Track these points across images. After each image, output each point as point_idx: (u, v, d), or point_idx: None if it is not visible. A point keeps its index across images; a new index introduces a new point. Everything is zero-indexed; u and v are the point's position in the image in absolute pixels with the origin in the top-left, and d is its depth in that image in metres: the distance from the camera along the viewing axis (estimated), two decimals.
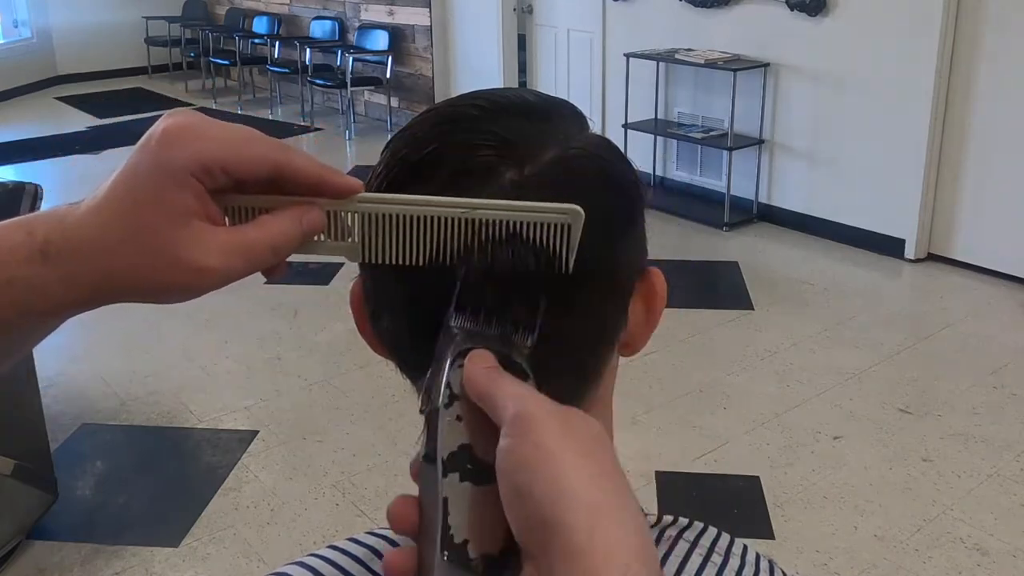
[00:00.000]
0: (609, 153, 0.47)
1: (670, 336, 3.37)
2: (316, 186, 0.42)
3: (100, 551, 2.32)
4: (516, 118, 0.45)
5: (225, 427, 2.89)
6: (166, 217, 0.38)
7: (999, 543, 2.30)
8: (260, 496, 2.53)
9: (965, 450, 2.70)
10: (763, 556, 0.54)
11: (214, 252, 0.39)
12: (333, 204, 0.43)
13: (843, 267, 4.11)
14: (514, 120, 0.45)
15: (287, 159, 0.41)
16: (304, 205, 0.42)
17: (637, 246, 0.48)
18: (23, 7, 8.51)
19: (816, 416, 2.89)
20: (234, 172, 0.39)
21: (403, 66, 6.62)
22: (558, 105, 0.48)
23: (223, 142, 0.39)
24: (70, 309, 0.40)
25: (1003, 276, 3.85)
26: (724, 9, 4.61)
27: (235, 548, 2.33)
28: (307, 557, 0.52)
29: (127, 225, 0.38)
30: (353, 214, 0.43)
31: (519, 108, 0.46)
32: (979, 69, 3.79)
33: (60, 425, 2.84)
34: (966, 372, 3.14)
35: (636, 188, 0.48)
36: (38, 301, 0.39)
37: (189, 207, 0.38)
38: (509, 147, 0.44)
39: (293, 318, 3.66)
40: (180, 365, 3.30)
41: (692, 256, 4.24)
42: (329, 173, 0.42)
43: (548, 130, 0.45)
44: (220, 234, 0.40)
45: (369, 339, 0.50)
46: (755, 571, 0.53)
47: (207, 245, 0.39)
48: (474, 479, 0.39)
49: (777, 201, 4.62)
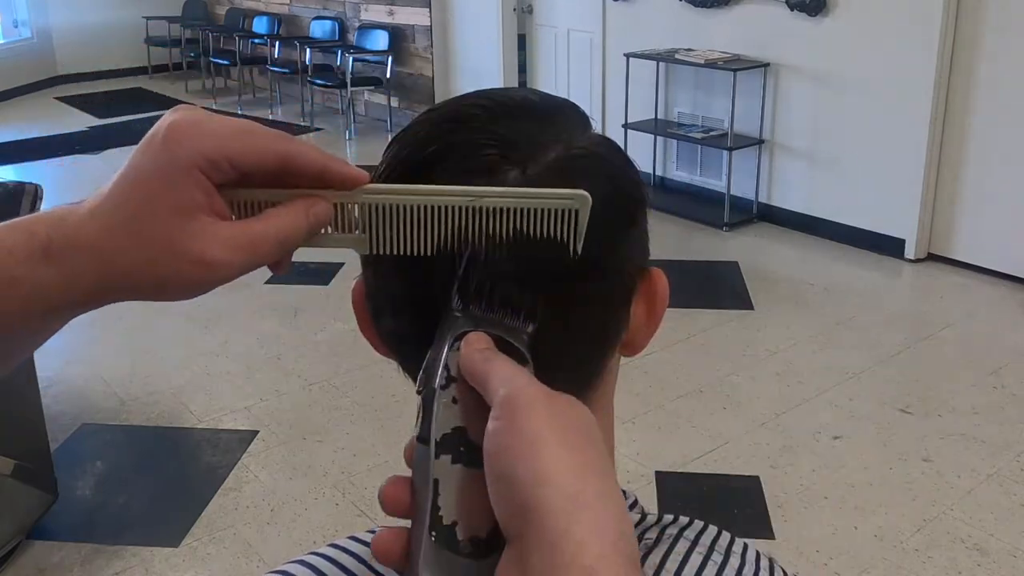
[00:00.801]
0: (612, 153, 0.47)
1: (670, 336, 3.37)
2: (321, 177, 0.41)
3: (100, 551, 2.32)
4: (519, 118, 0.45)
5: (225, 427, 2.89)
6: (173, 212, 0.38)
7: (999, 543, 2.30)
8: (260, 496, 2.53)
9: (965, 450, 2.70)
10: (763, 555, 0.54)
11: (220, 246, 0.39)
12: (340, 196, 0.42)
13: (843, 267, 4.11)
14: (517, 120, 0.45)
15: (292, 149, 0.41)
16: (311, 197, 0.42)
17: (639, 246, 0.48)
18: (23, 7, 8.51)
19: (816, 416, 2.89)
20: (240, 164, 0.39)
21: (403, 66, 6.62)
22: (561, 105, 0.48)
23: (228, 135, 0.39)
24: (73, 309, 0.40)
25: (1003, 276, 3.85)
26: (724, 9, 4.61)
27: (235, 548, 2.33)
28: (308, 555, 0.53)
29: (132, 222, 0.39)
30: (360, 205, 0.43)
31: (522, 108, 0.46)
32: (979, 69, 3.79)
33: (60, 425, 2.84)
34: (966, 372, 3.14)
35: (638, 188, 0.48)
36: (40, 301, 0.39)
37: (196, 202, 0.39)
38: (512, 147, 0.44)
39: (293, 318, 3.66)
40: (180, 365, 3.30)
41: (692, 256, 4.24)
42: (335, 163, 0.42)
43: (551, 130, 0.45)
44: (226, 228, 0.40)
45: (371, 339, 0.50)
46: (755, 570, 0.53)
47: (213, 239, 0.39)
48: (466, 461, 0.39)
49: (777, 201, 4.63)
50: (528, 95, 0.48)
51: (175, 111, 0.40)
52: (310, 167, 0.41)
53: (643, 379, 3.07)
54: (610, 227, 0.45)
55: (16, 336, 0.41)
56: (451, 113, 0.46)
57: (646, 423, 2.86)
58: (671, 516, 0.54)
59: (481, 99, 0.47)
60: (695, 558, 0.51)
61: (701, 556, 0.51)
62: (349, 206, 0.43)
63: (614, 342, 0.48)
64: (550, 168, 0.44)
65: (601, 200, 0.44)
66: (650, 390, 3.03)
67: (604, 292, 0.46)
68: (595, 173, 0.45)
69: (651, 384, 3.07)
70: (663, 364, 3.18)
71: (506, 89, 0.49)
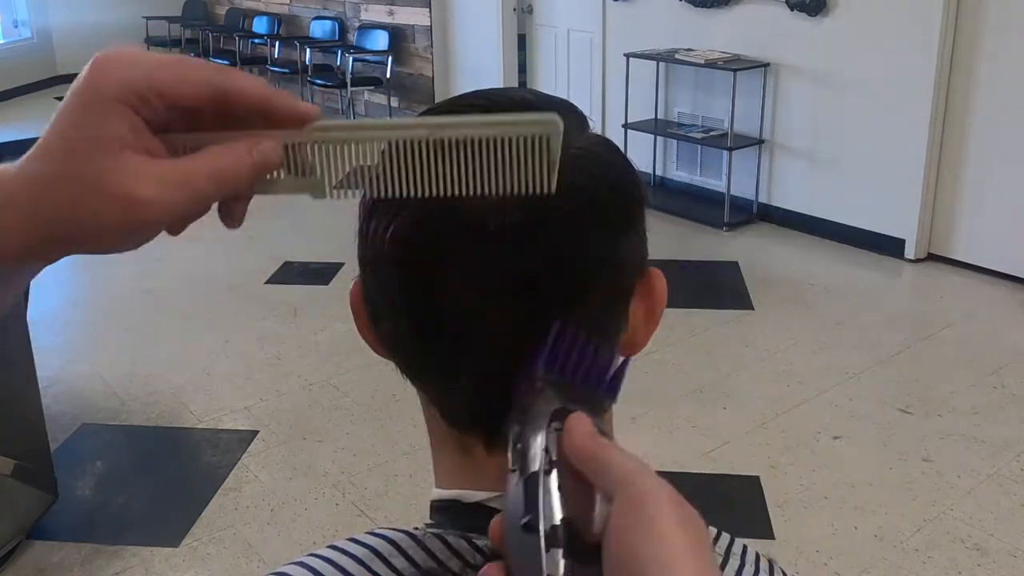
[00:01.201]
0: (610, 153, 0.47)
1: (670, 336, 3.37)
2: (264, 111, 0.38)
3: (100, 551, 2.32)
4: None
5: (225, 427, 2.89)
6: (95, 149, 0.36)
7: (999, 543, 2.30)
8: (260, 496, 2.53)
9: (965, 450, 2.70)
10: (763, 555, 0.54)
11: (148, 182, 0.36)
12: (290, 136, 0.39)
13: (843, 267, 4.11)
14: None
15: (228, 79, 0.38)
16: (257, 135, 0.38)
17: (638, 246, 0.48)
18: (23, 7, 8.51)
19: (816, 416, 2.89)
20: (171, 97, 0.37)
21: (403, 66, 6.62)
22: (558, 105, 0.48)
23: (155, 66, 0.37)
24: (29, 258, 0.38)
25: (1003, 276, 3.85)
26: (724, 9, 4.61)
27: (235, 548, 2.33)
28: (307, 557, 0.53)
29: (54, 164, 0.36)
30: (311, 144, 0.39)
31: (520, 108, 0.46)
32: (979, 69, 3.79)
33: (60, 425, 2.84)
34: (966, 372, 3.14)
35: (637, 188, 0.48)
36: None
37: (122, 137, 0.36)
38: None
39: (293, 318, 3.66)
40: (180, 365, 3.30)
41: (692, 256, 4.24)
42: (279, 97, 0.38)
43: None
44: (155, 164, 0.37)
45: (369, 340, 0.50)
46: (755, 570, 0.53)
47: (140, 175, 0.36)
48: (579, 558, 0.37)
49: (777, 201, 4.62)
50: (525, 95, 0.48)
51: (106, 47, 0.37)
52: (250, 99, 0.38)
53: (643, 379, 3.07)
54: (609, 227, 0.45)
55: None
56: (448, 112, 0.46)
57: (646, 423, 2.86)
58: None
59: (479, 99, 0.47)
60: None
61: None
62: (300, 146, 0.39)
63: (614, 342, 0.48)
64: None
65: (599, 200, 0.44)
66: (650, 390, 3.03)
67: (603, 292, 0.46)
68: (593, 172, 0.45)
69: (651, 384, 3.07)
70: (663, 364, 3.18)
71: (504, 89, 0.48)
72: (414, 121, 0.39)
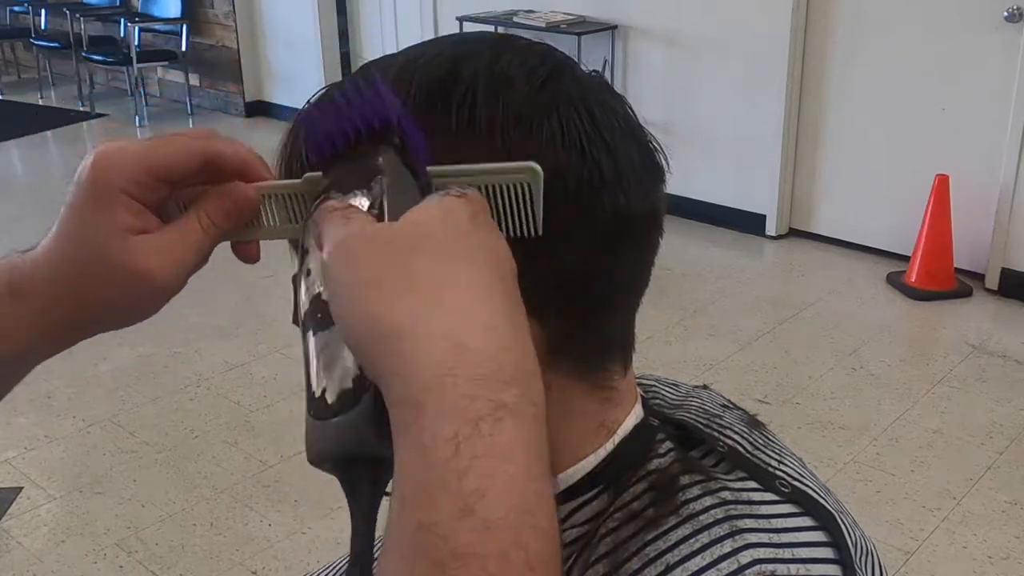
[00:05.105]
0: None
1: None
2: (242, 168, 0.51)
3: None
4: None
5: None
6: (109, 236, 0.48)
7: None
8: (23, 567, 2.46)
9: (823, 438, 2.94)
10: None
11: (150, 254, 0.49)
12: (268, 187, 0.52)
13: (702, 249, 4.34)
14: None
15: (208, 145, 0.50)
16: (233, 183, 0.51)
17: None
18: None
19: None
20: (165, 174, 0.49)
21: (201, 36, 6.49)
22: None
23: (145, 152, 0.49)
24: (40, 347, 0.51)
25: (864, 248, 4.19)
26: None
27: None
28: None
29: (77, 253, 0.49)
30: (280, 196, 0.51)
31: (437, 67, 0.54)
32: (836, 31, 4.08)
33: None
34: (825, 355, 3.41)
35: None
36: (8, 339, 0.49)
37: (128, 224, 0.48)
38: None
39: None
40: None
41: None
42: (254, 156, 0.52)
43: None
44: (154, 237, 0.49)
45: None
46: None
47: (144, 250, 0.49)
48: (321, 326, 0.44)
49: None
50: (443, 51, 0.55)
51: (95, 147, 0.49)
52: (230, 161, 0.51)
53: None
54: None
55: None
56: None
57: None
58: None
59: (382, 65, 0.56)
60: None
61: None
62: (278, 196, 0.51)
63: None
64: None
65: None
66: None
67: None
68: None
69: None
70: None
71: (417, 50, 0.56)
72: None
